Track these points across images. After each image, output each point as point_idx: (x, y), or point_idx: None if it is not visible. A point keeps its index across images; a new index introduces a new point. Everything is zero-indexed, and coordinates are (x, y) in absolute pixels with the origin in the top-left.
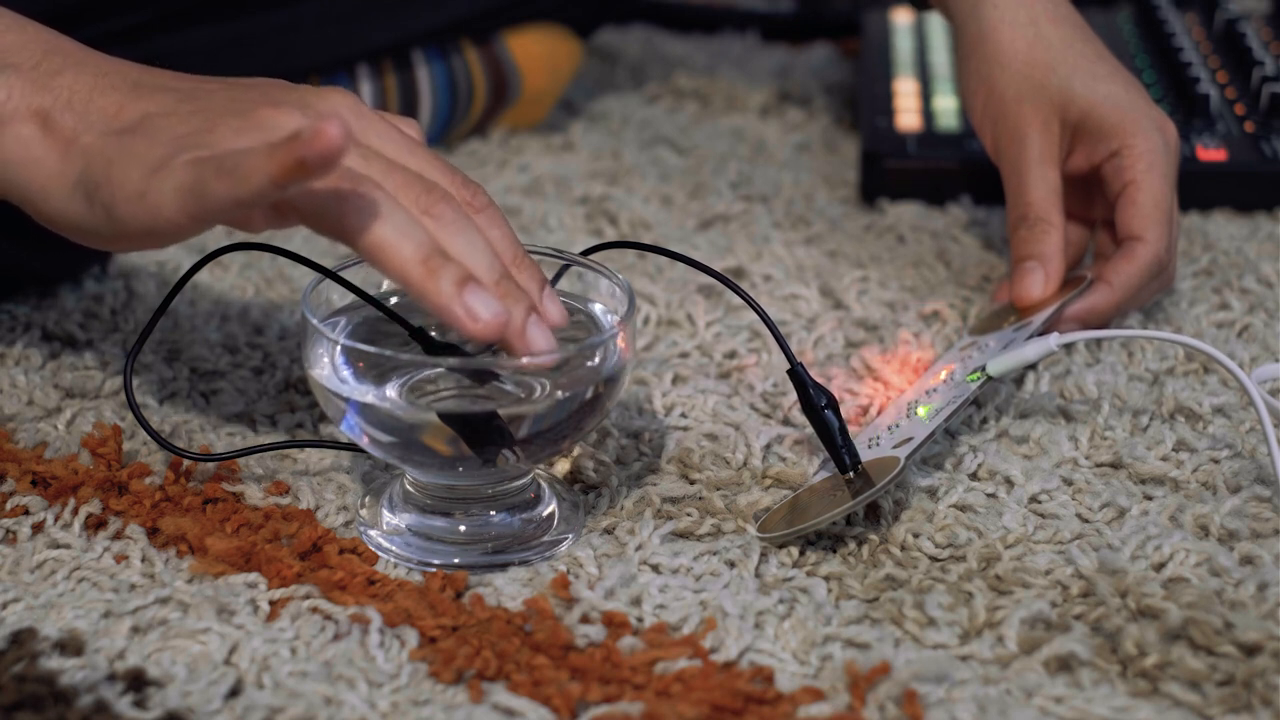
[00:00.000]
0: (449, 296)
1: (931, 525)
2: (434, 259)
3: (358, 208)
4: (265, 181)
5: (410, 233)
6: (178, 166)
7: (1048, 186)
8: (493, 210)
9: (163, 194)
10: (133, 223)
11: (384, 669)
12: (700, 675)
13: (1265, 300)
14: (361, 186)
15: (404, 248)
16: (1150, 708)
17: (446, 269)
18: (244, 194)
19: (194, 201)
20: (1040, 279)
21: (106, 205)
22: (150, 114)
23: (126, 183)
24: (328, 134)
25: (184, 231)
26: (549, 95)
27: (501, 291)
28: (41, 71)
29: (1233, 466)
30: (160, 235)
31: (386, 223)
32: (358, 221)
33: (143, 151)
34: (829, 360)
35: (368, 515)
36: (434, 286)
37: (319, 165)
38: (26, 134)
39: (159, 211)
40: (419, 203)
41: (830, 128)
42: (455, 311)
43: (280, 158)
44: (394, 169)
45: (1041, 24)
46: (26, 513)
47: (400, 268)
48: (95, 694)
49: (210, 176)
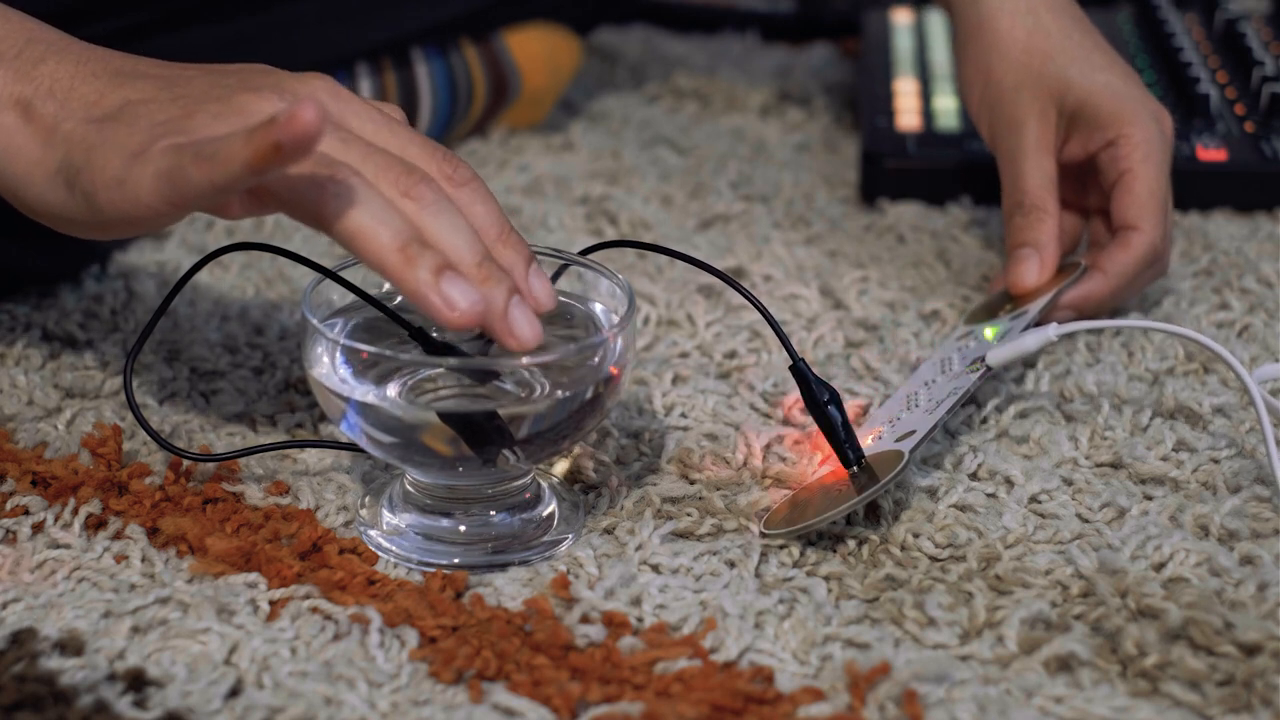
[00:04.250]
0: (426, 285)
1: (931, 525)
2: (411, 246)
3: (335, 194)
4: (241, 167)
5: (387, 219)
6: (156, 153)
7: (1043, 174)
8: (476, 184)
9: (141, 181)
10: (112, 210)
11: (384, 669)
12: (700, 675)
13: (1265, 300)
14: (339, 173)
15: (381, 235)
16: (1150, 708)
17: (424, 256)
18: (221, 179)
19: (172, 188)
20: (1035, 266)
21: (86, 192)
22: (131, 101)
23: (106, 169)
24: (303, 117)
25: (163, 218)
26: (549, 95)
27: (483, 275)
28: (23, 60)
29: (1233, 466)
30: (140, 222)
31: (363, 209)
32: (334, 208)
33: (122, 139)
34: (829, 360)
35: (368, 515)
36: (411, 274)
37: (295, 149)
38: (8, 122)
39: (138, 198)
40: (399, 184)
41: (830, 128)
42: (432, 300)
43: (256, 142)
44: (373, 152)
45: (1040, 13)
46: (26, 513)
47: (377, 254)
48: (95, 694)
49: (188, 162)
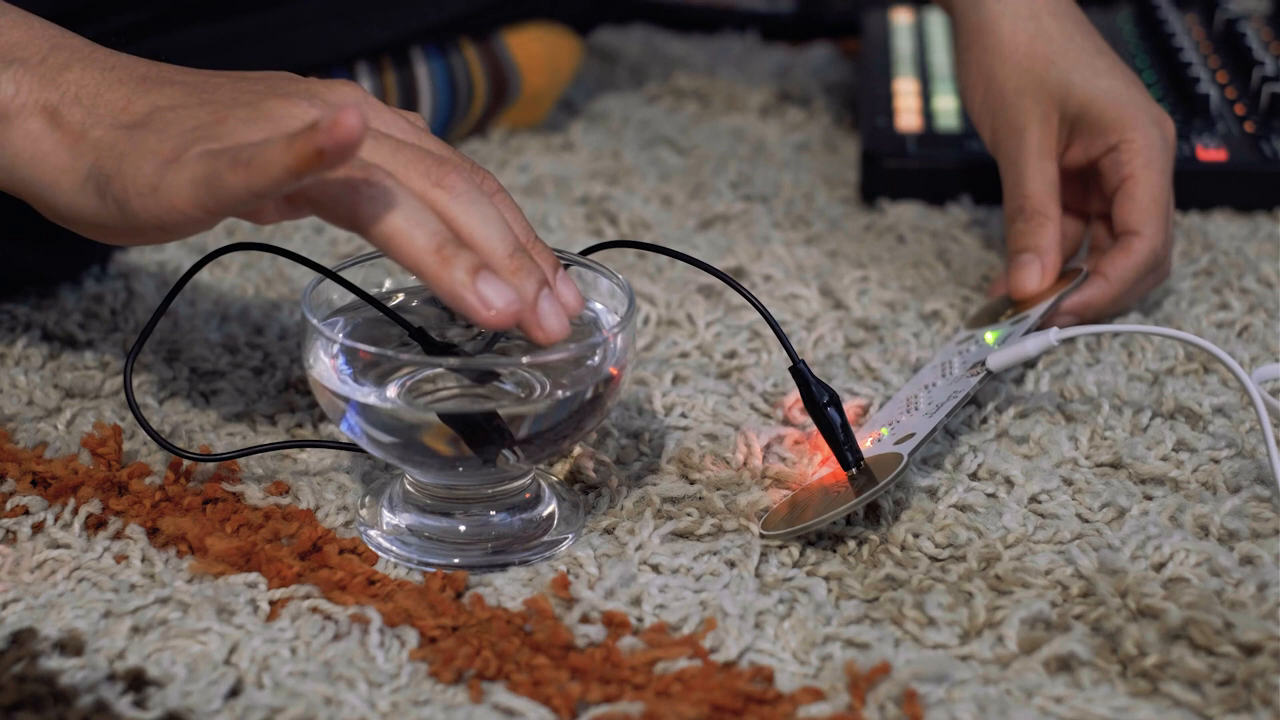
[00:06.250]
0: (463, 285)
1: (931, 525)
2: (447, 247)
3: (370, 197)
4: (282, 172)
5: (423, 221)
6: (191, 159)
7: (1045, 180)
8: (503, 195)
9: (176, 187)
10: (146, 216)
11: (384, 669)
12: (700, 675)
13: (1265, 300)
14: (372, 175)
15: (417, 237)
16: (1150, 708)
17: (460, 257)
18: (260, 185)
19: (208, 194)
20: (1037, 271)
21: (119, 199)
22: (159, 107)
23: (139, 176)
24: (346, 124)
25: (197, 224)
26: (549, 95)
27: (514, 265)
28: (49, 66)
29: (1233, 466)
30: (173, 228)
31: (399, 212)
32: (370, 210)
33: (154, 145)
34: (829, 360)
35: (368, 515)
36: (447, 275)
37: (337, 155)
38: (35, 129)
39: (173, 204)
40: (430, 175)
41: (830, 128)
42: (469, 300)
43: (298, 148)
44: (401, 146)
45: (1043, 17)
46: (26, 513)
47: (413, 256)
48: (95, 694)
49: (225, 169)
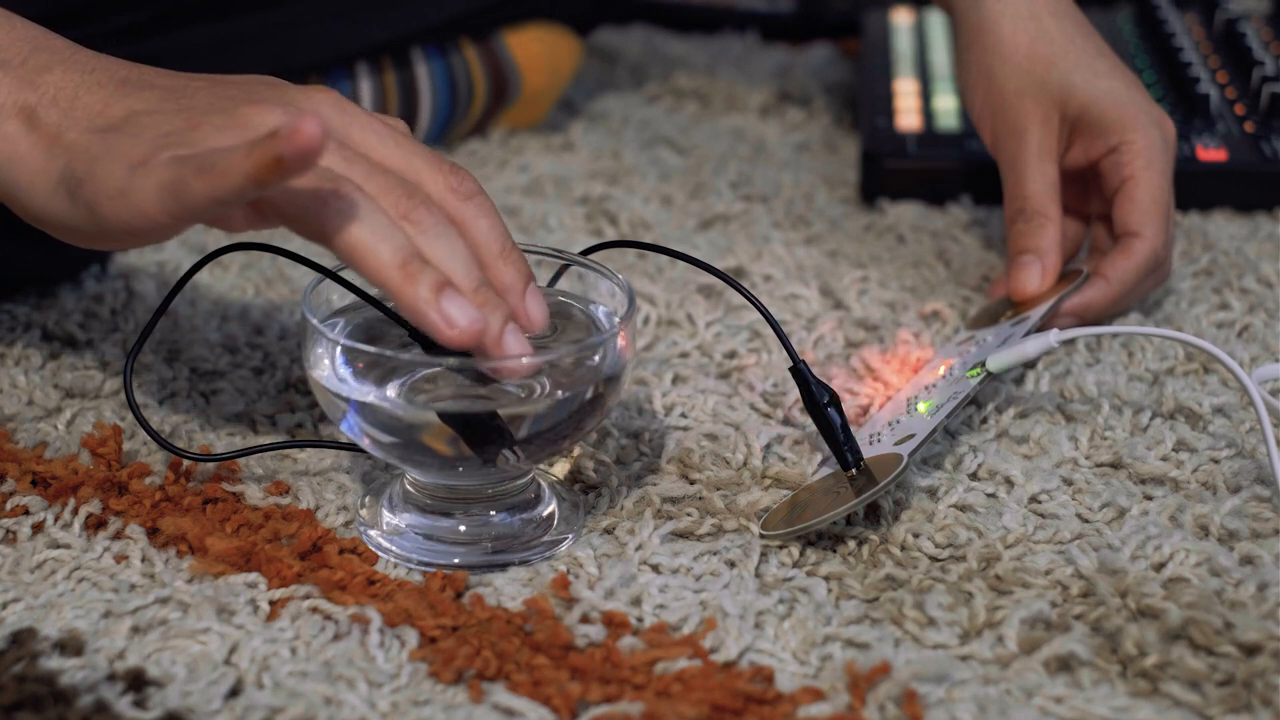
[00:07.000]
0: (426, 302)
1: (931, 525)
2: (412, 263)
3: (337, 209)
4: (242, 180)
5: (389, 235)
6: (159, 164)
7: (1046, 181)
8: (481, 198)
9: (143, 192)
10: (114, 220)
11: (384, 669)
12: (700, 675)
13: (1265, 300)
14: (342, 188)
15: (382, 250)
16: (1150, 708)
17: (424, 274)
18: (222, 192)
19: (174, 200)
20: (1037, 273)
21: (89, 203)
22: (135, 111)
23: (109, 180)
24: (305, 131)
25: (165, 230)
26: (549, 95)
27: (479, 300)
28: (29, 68)
29: (1233, 466)
30: (141, 234)
31: (365, 225)
32: (336, 222)
33: (126, 149)
34: (829, 360)
35: (368, 515)
36: (411, 291)
37: (297, 163)
38: (11, 130)
39: (140, 209)
40: (398, 207)
41: (830, 128)
42: (432, 317)
43: (257, 156)
44: (375, 172)
45: (1043, 18)
46: (26, 513)
47: (377, 270)
48: (95, 694)
49: (190, 175)
